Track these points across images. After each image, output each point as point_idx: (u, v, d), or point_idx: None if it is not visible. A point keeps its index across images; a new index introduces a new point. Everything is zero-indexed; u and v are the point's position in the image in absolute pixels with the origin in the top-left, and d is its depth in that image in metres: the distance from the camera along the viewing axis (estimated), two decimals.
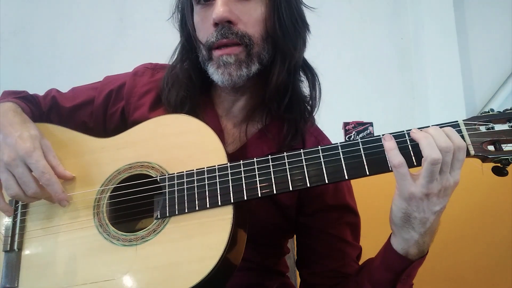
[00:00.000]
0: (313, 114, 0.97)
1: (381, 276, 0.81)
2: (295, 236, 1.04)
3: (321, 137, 1.01)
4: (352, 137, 2.21)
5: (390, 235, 0.80)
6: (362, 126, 2.22)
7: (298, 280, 1.36)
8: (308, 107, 0.95)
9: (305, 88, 0.96)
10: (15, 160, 0.77)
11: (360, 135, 2.21)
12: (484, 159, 0.74)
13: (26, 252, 0.82)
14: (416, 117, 2.49)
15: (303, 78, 0.96)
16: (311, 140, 0.98)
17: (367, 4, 2.59)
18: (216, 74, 0.86)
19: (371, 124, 2.23)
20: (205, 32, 0.87)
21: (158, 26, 2.46)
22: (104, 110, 0.99)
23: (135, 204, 0.83)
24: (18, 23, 2.30)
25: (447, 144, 0.70)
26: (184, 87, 0.93)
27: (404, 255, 0.78)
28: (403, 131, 0.76)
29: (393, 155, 0.72)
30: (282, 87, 0.90)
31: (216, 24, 0.84)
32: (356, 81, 2.49)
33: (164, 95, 0.94)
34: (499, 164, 0.73)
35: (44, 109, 0.99)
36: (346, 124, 2.22)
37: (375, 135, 0.76)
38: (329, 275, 0.93)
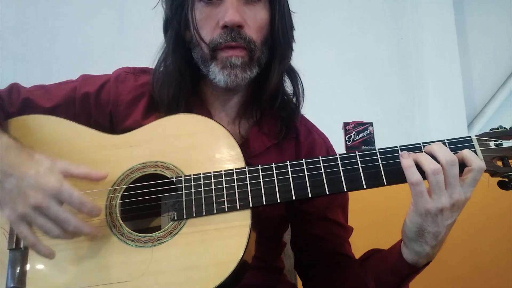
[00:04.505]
0: (300, 110, 1.00)
1: (387, 279, 0.83)
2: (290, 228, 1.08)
3: (309, 125, 1.05)
4: (352, 137, 2.21)
5: (400, 244, 0.81)
6: (362, 126, 2.22)
7: (298, 279, 1.36)
8: (293, 104, 0.99)
9: (287, 87, 1.00)
10: (45, 201, 0.70)
11: (360, 135, 2.21)
12: (493, 174, 0.77)
13: (33, 251, 0.77)
14: (416, 117, 2.50)
15: (285, 78, 1.00)
16: (302, 128, 1.01)
17: (367, 4, 2.59)
18: (220, 74, 0.87)
19: (371, 124, 2.23)
20: (209, 32, 0.87)
21: (158, 26, 2.47)
22: (87, 114, 0.94)
23: (148, 204, 0.81)
24: (18, 23, 2.30)
25: (451, 157, 0.72)
26: (174, 82, 0.92)
27: (413, 264, 0.79)
28: (419, 144, 0.78)
29: (411, 173, 0.73)
30: (276, 89, 0.94)
31: (225, 27, 0.85)
32: (356, 81, 2.49)
33: (156, 93, 0.93)
34: (506, 179, 0.77)
35: (11, 110, 0.90)
36: (346, 124, 2.22)
37: (375, 135, 0.78)
38: (325, 256, 0.97)
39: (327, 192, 0.77)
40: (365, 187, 0.77)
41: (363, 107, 2.45)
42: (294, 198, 0.77)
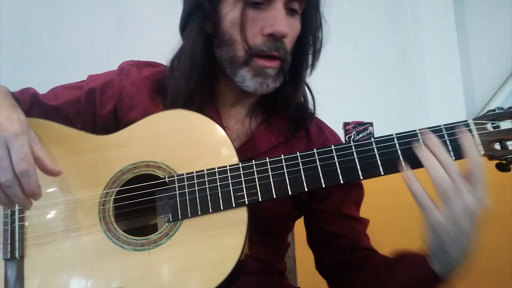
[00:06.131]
0: (313, 112, 1.00)
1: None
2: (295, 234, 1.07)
3: (320, 123, 1.03)
4: (352, 137, 2.21)
5: (426, 257, 0.77)
6: (362, 126, 2.22)
7: (298, 280, 1.36)
8: (306, 107, 0.99)
9: None
10: None
11: (360, 135, 2.21)
12: (491, 158, 0.76)
13: (28, 260, 0.77)
14: (416, 117, 2.49)
15: None
16: (313, 127, 0.99)
17: (367, 4, 2.58)
18: (252, 81, 0.85)
19: (371, 124, 2.22)
20: (250, 36, 0.84)
21: (158, 26, 2.46)
22: (92, 110, 0.94)
23: (142, 205, 0.80)
24: (18, 23, 2.30)
25: (453, 165, 0.69)
26: (194, 77, 0.88)
27: (445, 276, 0.75)
28: (415, 131, 0.75)
29: (411, 183, 0.70)
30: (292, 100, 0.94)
31: (270, 35, 0.83)
32: (356, 81, 2.49)
33: (172, 86, 0.90)
34: (503, 162, 0.76)
35: (23, 106, 0.91)
36: (346, 124, 2.21)
37: (375, 135, 0.77)
38: (345, 252, 0.95)
39: (323, 185, 0.76)
40: (361, 178, 0.76)
41: (363, 107, 2.45)
42: (290, 193, 0.76)
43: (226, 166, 0.77)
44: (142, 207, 0.80)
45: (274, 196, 0.76)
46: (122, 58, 1.03)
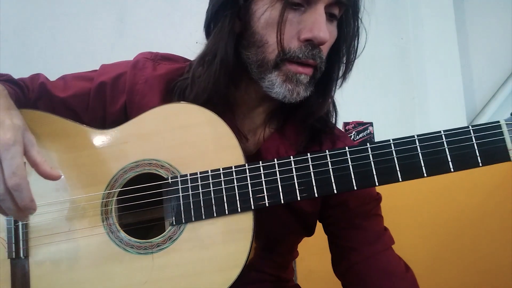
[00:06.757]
0: (335, 124, 0.94)
1: None
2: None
3: (338, 133, 0.94)
4: (352, 137, 2.21)
5: None
6: (362, 126, 2.22)
7: (298, 280, 1.36)
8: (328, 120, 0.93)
9: None
10: None
11: (360, 135, 2.21)
12: None
13: (33, 260, 0.75)
14: (416, 117, 2.50)
15: None
16: (328, 139, 0.92)
17: (367, 4, 2.58)
18: (282, 87, 0.78)
19: (371, 124, 2.22)
20: (284, 38, 0.76)
21: (158, 26, 2.46)
22: (102, 105, 0.89)
23: (145, 206, 0.78)
24: (18, 23, 2.30)
25: None
26: (223, 80, 0.81)
27: None
28: (440, 132, 0.70)
29: None
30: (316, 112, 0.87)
31: (308, 40, 0.76)
32: (356, 81, 2.48)
33: (197, 88, 0.82)
34: None
35: (32, 96, 0.88)
36: (346, 124, 2.21)
37: (375, 135, 0.74)
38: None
39: (335, 191, 0.70)
40: (377, 184, 0.69)
41: (363, 107, 2.45)
42: (299, 198, 0.71)
43: (231, 168, 0.74)
44: (145, 209, 0.78)
45: (282, 201, 0.71)
46: (122, 58, 1.02)
